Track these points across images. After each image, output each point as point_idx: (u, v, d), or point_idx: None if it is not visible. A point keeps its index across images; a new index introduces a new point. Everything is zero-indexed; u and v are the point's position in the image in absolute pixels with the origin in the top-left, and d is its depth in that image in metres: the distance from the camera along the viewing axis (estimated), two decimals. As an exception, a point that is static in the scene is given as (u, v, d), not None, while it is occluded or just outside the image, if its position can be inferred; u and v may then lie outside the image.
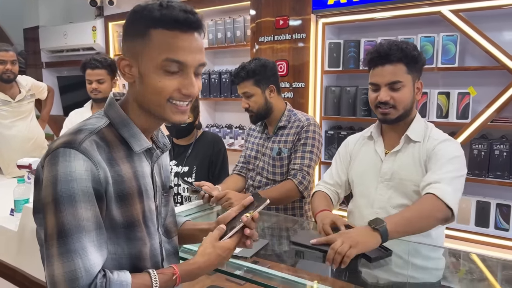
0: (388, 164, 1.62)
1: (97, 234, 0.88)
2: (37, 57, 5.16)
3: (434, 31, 2.60)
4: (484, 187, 2.54)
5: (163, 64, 0.92)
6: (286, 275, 1.31)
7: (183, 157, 2.23)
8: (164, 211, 1.11)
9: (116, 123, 0.98)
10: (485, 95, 2.51)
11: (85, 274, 0.85)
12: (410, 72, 1.54)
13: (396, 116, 1.56)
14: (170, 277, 0.97)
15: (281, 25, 3.05)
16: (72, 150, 0.87)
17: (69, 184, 0.85)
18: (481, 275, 1.42)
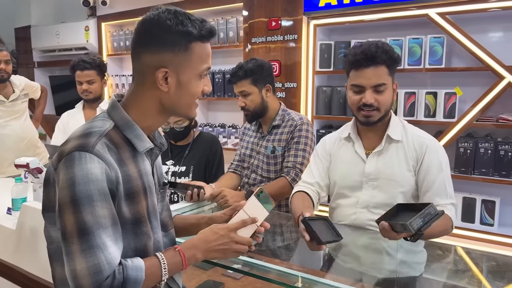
0: (372, 164, 1.62)
1: (113, 229, 0.96)
2: (28, 57, 5.15)
3: (422, 33, 2.68)
4: (470, 184, 2.62)
5: (203, 71, 1.06)
6: (282, 268, 1.36)
7: (181, 157, 2.28)
8: (160, 206, 1.18)
9: (120, 125, 1.05)
10: (471, 95, 2.59)
11: (108, 267, 0.92)
12: (390, 74, 1.55)
13: (378, 118, 1.56)
14: (173, 251, 1.06)
15: (273, 26, 3.11)
16: (87, 154, 0.94)
17: (86, 185, 0.92)
18: (462, 266, 1.49)
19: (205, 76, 1.09)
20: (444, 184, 1.56)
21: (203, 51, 1.05)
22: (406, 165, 1.59)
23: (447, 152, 2.61)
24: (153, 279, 1.01)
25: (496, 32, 2.61)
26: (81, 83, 2.65)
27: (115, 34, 4.29)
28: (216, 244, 1.08)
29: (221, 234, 1.08)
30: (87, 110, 2.78)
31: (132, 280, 0.96)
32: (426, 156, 1.57)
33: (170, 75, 1.03)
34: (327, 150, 1.77)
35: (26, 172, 2.17)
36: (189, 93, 1.06)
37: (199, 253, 1.07)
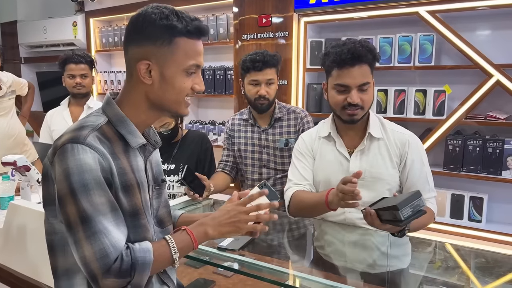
0: (356, 163, 1.61)
1: (113, 215, 0.99)
2: (15, 52, 5.06)
3: (412, 31, 2.69)
4: (459, 180, 2.65)
5: (190, 68, 1.06)
6: (272, 266, 1.36)
7: (170, 155, 2.25)
8: (156, 203, 1.19)
9: (113, 120, 1.07)
10: (460, 93, 2.62)
11: (113, 250, 0.96)
12: (372, 72, 1.56)
13: (361, 116, 1.56)
14: (179, 232, 1.07)
15: (264, 23, 3.09)
16: (79, 145, 0.97)
17: (81, 175, 0.95)
18: (451, 263, 1.51)
19: (194, 73, 1.08)
20: (426, 179, 1.61)
21: (190, 47, 1.05)
22: (391, 163, 1.60)
23: (437, 149, 2.69)
24: (163, 260, 1.03)
25: (485, 30, 2.63)
26: (74, 77, 2.64)
27: (104, 30, 4.24)
28: (224, 218, 1.09)
29: (227, 210, 1.10)
30: (73, 107, 2.75)
31: (140, 262, 0.98)
32: (409, 152, 1.59)
33: (154, 68, 1.05)
34: (309, 147, 1.74)
35: (13, 170, 2.14)
36: (174, 89, 1.06)
37: (209, 228, 1.09)
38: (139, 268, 0.98)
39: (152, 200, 1.17)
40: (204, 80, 3.51)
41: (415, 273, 1.47)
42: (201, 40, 1.08)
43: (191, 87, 1.08)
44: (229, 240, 1.52)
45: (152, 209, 1.17)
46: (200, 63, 1.08)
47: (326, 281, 1.27)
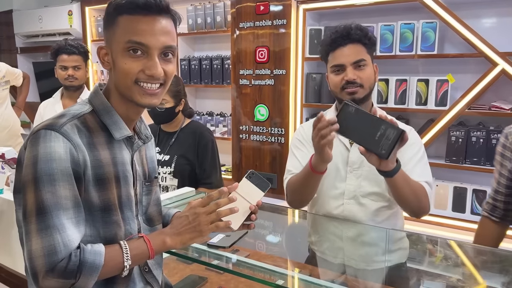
0: (356, 153, 1.54)
1: (74, 211, 0.93)
2: (11, 42, 4.98)
3: (414, 18, 2.60)
4: (461, 173, 2.59)
5: (126, 46, 0.97)
6: (264, 265, 1.31)
7: (166, 145, 2.18)
8: (146, 200, 1.14)
9: (98, 110, 1.03)
10: (463, 82, 2.54)
11: (64, 248, 0.89)
12: (369, 52, 1.54)
13: (363, 95, 1.53)
14: (138, 240, 1.02)
15: (261, 11, 3.01)
16: (52, 132, 0.92)
17: (48, 163, 0.90)
18: (454, 259, 1.46)
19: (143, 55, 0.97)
20: (417, 167, 1.54)
21: (130, 24, 0.97)
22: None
23: (439, 140, 2.62)
24: (114, 265, 0.97)
25: (490, 17, 2.54)
26: (66, 68, 2.54)
27: (100, 18, 4.15)
28: (182, 225, 1.04)
29: (186, 215, 1.05)
30: (66, 100, 2.67)
31: (89, 264, 0.92)
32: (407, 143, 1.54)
33: (108, 53, 1.02)
34: (307, 136, 1.67)
35: (2, 162, 2.09)
36: (119, 72, 1.00)
37: (167, 238, 1.04)
38: (86, 271, 0.92)
39: (141, 197, 1.12)
40: (201, 70, 3.44)
41: (413, 268, 1.42)
42: (154, 17, 0.97)
43: (140, 70, 0.98)
44: (220, 236, 1.46)
45: (140, 205, 1.12)
46: (143, 40, 0.96)
47: (321, 281, 1.21)
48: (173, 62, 1.04)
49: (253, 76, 3.10)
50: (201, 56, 3.50)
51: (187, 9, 3.47)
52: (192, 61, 3.51)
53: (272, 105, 3.05)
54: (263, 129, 3.11)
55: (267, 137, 3.10)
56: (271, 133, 3.07)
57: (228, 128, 3.42)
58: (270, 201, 3.02)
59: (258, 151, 3.15)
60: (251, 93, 3.13)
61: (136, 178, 1.10)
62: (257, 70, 3.08)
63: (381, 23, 2.67)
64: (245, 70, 3.13)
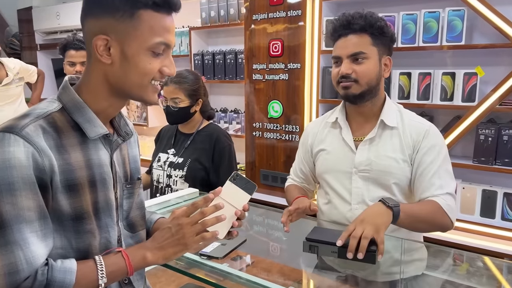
0: (363, 154, 1.47)
1: (40, 224, 0.85)
2: (31, 39, 5.03)
3: (439, 6, 2.40)
4: (491, 175, 2.38)
5: (154, 45, 0.92)
6: (261, 281, 1.19)
7: (181, 147, 2.10)
8: (127, 204, 1.06)
9: (69, 107, 0.94)
10: (494, 76, 2.32)
11: (27, 266, 0.82)
12: (376, 44, 1.42)
13: (359, 91, 1.43)
14: (114, 253, 0.94)
15: (275, 2, 2.86)
16: (12, 135, 0.83)
17: (7, 171, 0.81)
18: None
19: (162, 54, 0.95)
20: (437, 173, 1.42)
21: (157, 22, 0.91)
22: (402, 155, 1.44)
23: (466, 139, 2.41)
24: (86, 284, 0.89)
25: (525, 3, 2.31)
26: (74, 64, 2.49)
27: (115, 14, 4.12)
28: (165, 238, 0.95)
29: (168, 227, 0.96)
30: None
31: (58, 284, 0.84)
32: (423, 142, 1.44)
33: (113, 45, 0.91)
34: (309, 140, 1.64)
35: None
36: (138, 70, 0.92)
37: (148, 253, 0.95)
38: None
39: (122, 200, 1.04)
40: (215, 65, 3.34)
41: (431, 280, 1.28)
42: (172, 16, 0.95)
43: (158, 69, 0.94)
44: (214, 244, 1.35)
45: (121, 210, 1.03)
46: (169, 41, 0.94)
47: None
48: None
49: (267, 70, 2.97)
50: (215, 51, 3.39)
51: (201, 2, 3.36)
52: (206, 56, 3.40)
53: (286, 101, 2.91)
54: (277, 126, 2.97)
55: (281, 135, 2.96)
56: (285, 131, 2.93)
57: (241, 125, 3.30)
58: (282, 202, 2.89)
59: (272, 149, 3.01)
60: (265, 89, 3.00)
61: (116, 180, 1.01)
62: (271, 64, 2.94)
63: (403, 12, 2.47)
64: (258, 65, 3.00)
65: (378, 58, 1.43)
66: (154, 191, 2.14)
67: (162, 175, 2.10)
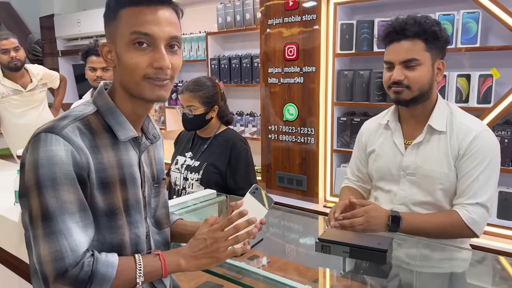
0: (411, 157, 1.49)
1: (81, 215, 0.91)
2: (53, 46, 5.19)
3: (454, 8, 2.41)
4: (508, 176, 2.36)
5: (131, 38, 0.93)
6: (277, 277, 1.23)
7: (199, 151, 2.13)
8: (154, 202, 1.12)
9: (103, 110, 1.00)
10: (510, 77, 2.33)
11: (71, 254, 0.88)
12: (429, 49, 1.40)
13: (411, 97, 1.43)
14: (152, 255, 1.00)
15: (290, 7, 2.91)
16: (53, 135, 0.89)
17: (50, 168, 0.88)
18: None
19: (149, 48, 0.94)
20: (476, 180, 1.39)
21: (134, 15, 0.93)
22: (447, 160, 1.43)
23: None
24: (125, 279, 0.95)
25: (541, 5, 2.30)
26: (95, 69, 2.58)
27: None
28: (200, 248, 1.00)
29: (204, 238, 1.00)
30: None
31: (100, 276, 0.90)
32: (469, 147, 1.41)
33: (111, 50, 0.98)
34: (364, 141, 1.68)
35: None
36: (126, 67, 0.95)
37: (182, 260, 1.00)
38: (96, 282, 0.90)
39: (150, 199, 1.10)
40: (231, 69, 3.39)
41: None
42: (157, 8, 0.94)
43: (148, 64, 0.94)
44: (233, 244, 1.39)
45: (149, 208, 1.10)
46: (148, 30, 0.92)
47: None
48: (180, 54, 1.00)
49: (282, 74, 3.01)
50: (231, 55, 3.46)
51: (217, 7, 3.43)
52: (222, 60, 3.47)
53: (301, 104, 2.95)
54: (292, 129, 3.01)
55: (296, 137, 2.99)
56: (300, 133, 2.97)
57: (257, 128, 3.35)
58: (297, 203, 2.92)
59: (287, 152, 3.05)
60: (280, 92, 3.04)
61: (144, 180, 1.07)
62: (286, 68, 2.98)
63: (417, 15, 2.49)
64: (274, 68, 3.05)
65: (431, 63, 1.42)
66: (171, 193, 2.20)
67: (179, 177, 2.15)
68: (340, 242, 1.28)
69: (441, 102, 1.49)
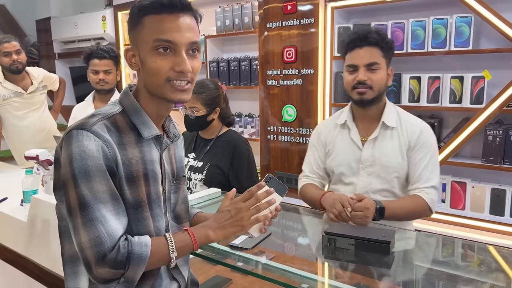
0: (368, 151, 1.69)
1: (113, 204, 0.99)
2: (49, 48, 5.20)
3: (447, 13, 2.51)
4: (500, 174, 2.47)
5: (154, 45, 1.00)
6: (287, 268, 1.29)
7: (202, 152, 2.17)
8: (174, 198, 1.18)
9: (128, 110, 1.07)
10: (501, 79, 2.42)
11: (109, 239, 0.95)
12: (384, 56, 1.63)
13: (372, 97, 1.63)
14: (181, 232, 1.06)
15: (289, 10, 2.98)
16: (84, 131, 0.97)
17: (83, 161, 0.95)
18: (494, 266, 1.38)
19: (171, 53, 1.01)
20: (426, 167, 1.65)
21: (156, 23, 1.00)
22: (400, 152, 1.67)
23: (475, 140, 2.51)
24: (160, 257, 1.02)
25: (530, 9, 2.40)
26: (98, 72, 2.61)
27: (132, 23, 4.26)
28: (225, 219, 1.07)
29: (228, 210, 1.07)
30: (98, 103, 2.74)
31: (137, 256, 0.97)
32: (417, 141, 1.66)
33: (135, 54, 1.05)
34: (322, 139, 1.83)
35: (37, 164, 2.17)
36: (150, 71, 1.02)
37: (210, 231, 1.06)
38: (134, 262, 0.97)
39: (170, 194, 1.16)
40: (230, 72, 3.45)
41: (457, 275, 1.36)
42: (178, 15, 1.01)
43: (170, 67, 1.01)
44: (242, 237, 1.45)
45: (168, 202, 1.16)
46: (170, 37, 0.99)
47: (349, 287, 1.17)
48: (199, 58, 1.07)
49: (281, 76, 3.09)
50: (230, 58, 3.52)
51: (216, 11, 3.49)
52: (221, 63, 3.53)
53: (300, 105, 3.02)
54: (291, 130, 3.08)
55: (295, 138, 3.07)
56: (299, 134, 3.04)
57: (256, 129, 3.41)
58: (296, 202, 2.98)
59: (286, 152, 3.13)
60: (279, 94, 3.12)
61: (164, 176, 1.13)
62: (285, 70, 3.06)
63: (412, 19, 2.59)
64: (272, 71, 3.12)
65: (386, 68, 1.65)
66: None
67: None
68: (345, 235, 1.35)
69: (389, 103, 1.72)
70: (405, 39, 2.62)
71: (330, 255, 1.41)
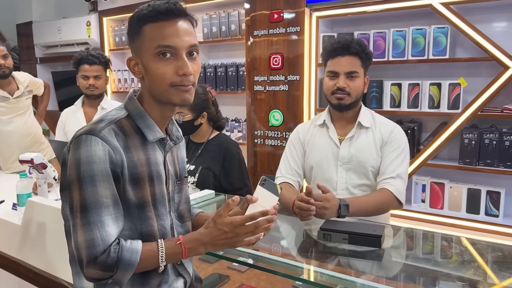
0: (345, 149, 1.80)
1: (114, 209, 1.03)
2: (31, 53, 5.14)
3: (426, 24, 2.66)
4: (475, 175, 2.61)
5: (156, 51, 1.04)
6: (287, 260, 1.37)
7: (193, 156, 2.20)
8: (178, 198, 1.22)
9: (133, 114, 1.11)
10: (475, 86, 2.57)
11: (102, 243, 1.00)
12: (363, 66, 1.74)
13: (349, 102, 1.74)
14: (174, 242, 1.07)
15: (275, 19, 3.09)
16: (92, 137, 1.01)
17: (90, 166, 0.99)
18: (468, 257, 1.48)
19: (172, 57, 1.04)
20: (394, 160, 1.74)
21: (156, 30, 1.04)
22: (375, 149, 1.77)
23: (452, 143, 2.67)
24: (149, 263, 1.06)
25: (501, 21, 2.58)
26: (87, 78, 2.61)
27: (117, 28, 4.28)
28: (220, 238, 1.06)
29: (225, 230, 1.05)
30: (87, 107, 2.74)
31: (125, 261, 1.02)
32: (388, 137, 1.77)
33: (138, 62, 1.09)
34: (301, 139, 1.93)
35: (30, 167, 2.18)
36: (154, 77, 1.06)
37: (201, 247, 1.08)
38: (122, 266, 1.01)
39: (174, 194, 1.20)
40: (216, 77, 3.52)
41: (433, 269, 1.46)
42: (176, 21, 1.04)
43: (173, 72, 1.04)
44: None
45: (172, 202, 1.20)
46: (170, 42, 1.03)
47: (342, 275, 1.26)
48: (199, 60, 1.10)
49: (268, 82, 3.18)
50: (216, 64, 3.59)
51: (203, 18, 3.56)
52: (208, 69, 3.59)
53: (286, 110, 3.12)
54: (277, 134, 3.17)
55: (281, 142, 3.16)
56: (285, 138, 3.14)
57: (243, 133, 3.49)
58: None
59: (273, 156, 3.21)
60: (266, 99, 3.20)
61: (168, 177, 1.17)
62: (272, 76, 3.15)
63: (393, 29, 2.73)
64: (259, 77, 3.21)
65: (363, 77, 1.76)
66: None
67: None
68: (339, 231, 1.45)
69: (364, 107, 1.84)
70: (387, 47, 2.76)
71: (326, 249, 1.49)
